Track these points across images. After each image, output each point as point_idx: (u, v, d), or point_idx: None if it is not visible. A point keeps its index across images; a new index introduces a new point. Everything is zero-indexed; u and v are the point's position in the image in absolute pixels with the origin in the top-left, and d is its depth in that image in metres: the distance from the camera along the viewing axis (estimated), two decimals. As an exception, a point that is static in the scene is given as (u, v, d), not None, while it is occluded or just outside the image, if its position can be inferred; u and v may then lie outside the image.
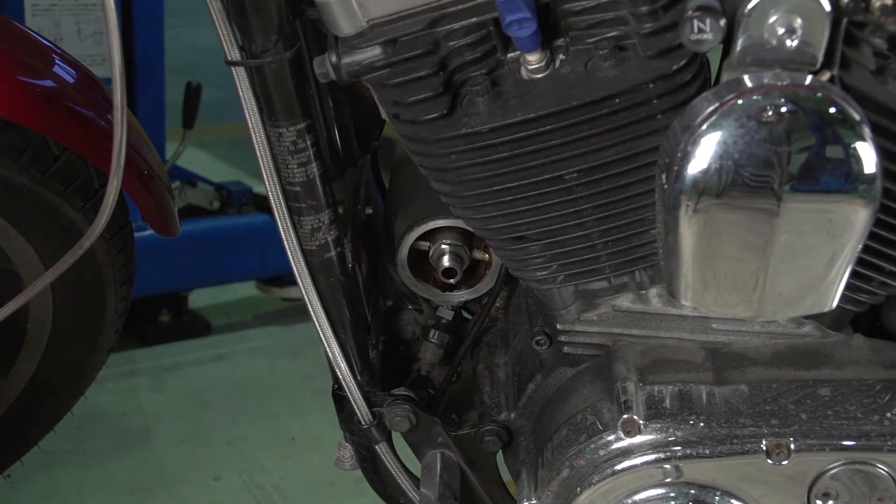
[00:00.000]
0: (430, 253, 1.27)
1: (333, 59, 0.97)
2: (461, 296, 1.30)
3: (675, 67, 0.93)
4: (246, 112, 1.07)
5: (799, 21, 0.84)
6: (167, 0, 2.75)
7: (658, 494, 1.09)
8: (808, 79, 0.83)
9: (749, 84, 0.83)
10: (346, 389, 1.21)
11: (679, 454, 1.07)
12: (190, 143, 2.80)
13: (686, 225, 0.87)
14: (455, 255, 1.25)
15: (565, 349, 1.18)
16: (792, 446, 1.06)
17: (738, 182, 0.83)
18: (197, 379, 2.57)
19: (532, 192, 1.03)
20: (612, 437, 1.08)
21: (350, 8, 0.95)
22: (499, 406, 1.26)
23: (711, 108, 0.83)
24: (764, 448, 1.06)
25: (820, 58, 0.86)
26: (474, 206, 1.05)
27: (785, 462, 1.06)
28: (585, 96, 0.96)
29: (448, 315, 1.34)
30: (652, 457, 1.07)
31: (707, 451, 1.07)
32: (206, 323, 2.82)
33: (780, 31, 0.84)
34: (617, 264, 1.11)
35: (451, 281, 1.27)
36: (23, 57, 1.36)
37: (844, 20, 0.86)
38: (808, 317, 1.14)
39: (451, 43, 0.96)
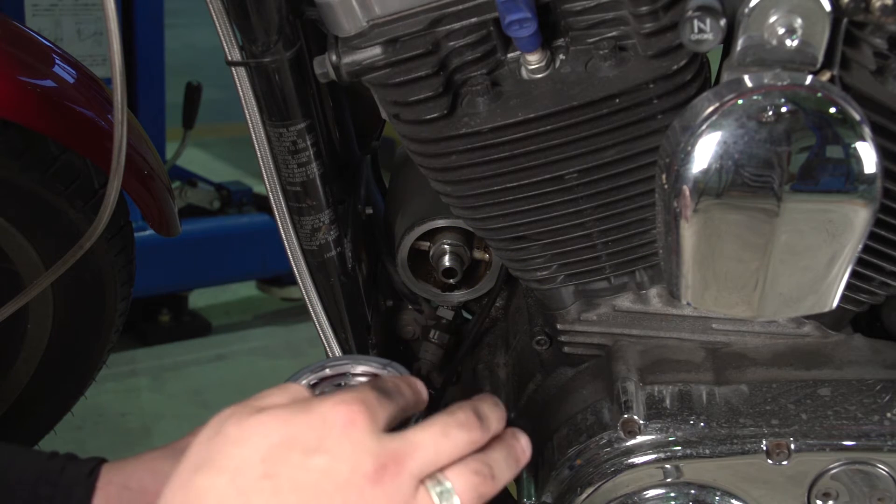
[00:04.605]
0: (431, 253, 1.26)
1: (333, 59, 0.97)
2: (461, 296, 1.30)
3: (675, 67, 0.93)
4: (246, 112, 1.07)
5: (799, 21, 0.84)
6: (167, 0, 2.75)
7: (658, 494, 1.09)
8: (809, 79, 0.83)
9: (749, 84, 0.83)
10: (347, 389, 1.21)
11: (679, 454, 1.07)
12: (190, 143, 2.80)
13: (686, 225, 0.87)
14: (455, 255, 1.25)
15: (565, 349, 1.18)
16: (792, 446, 1.06)
17: (738, 182, 0.83)
18: (197, 379, 2.57)
19: (532, 192, 1.03)
20: (612, 437, 1.08)
21: (350, 8, 0.95)
22: (499, 406, 1.25)
23: (711, 108, 0.83)
24: (764, 448, 1.06)
25: (820, 58, 0.85)
26: (474, 206, 1.05)
27: (785, 462, 1.06)
28: (585, 96, 0.96)
29: (448, 315, 1.34)
30: (652, 457, 1.07)
31: (707, 452, 1.07)
32: (206, 323, 2.82)
33: (781, 31, 0.84)
34: (617, 264, 1.11)
35: (452, 281, 1.27)
36: (23, 57, 1.36)
37: (844, 20, 0.86)
38: (808, 317, 1.14)
39: (452, 43, 0.96)
